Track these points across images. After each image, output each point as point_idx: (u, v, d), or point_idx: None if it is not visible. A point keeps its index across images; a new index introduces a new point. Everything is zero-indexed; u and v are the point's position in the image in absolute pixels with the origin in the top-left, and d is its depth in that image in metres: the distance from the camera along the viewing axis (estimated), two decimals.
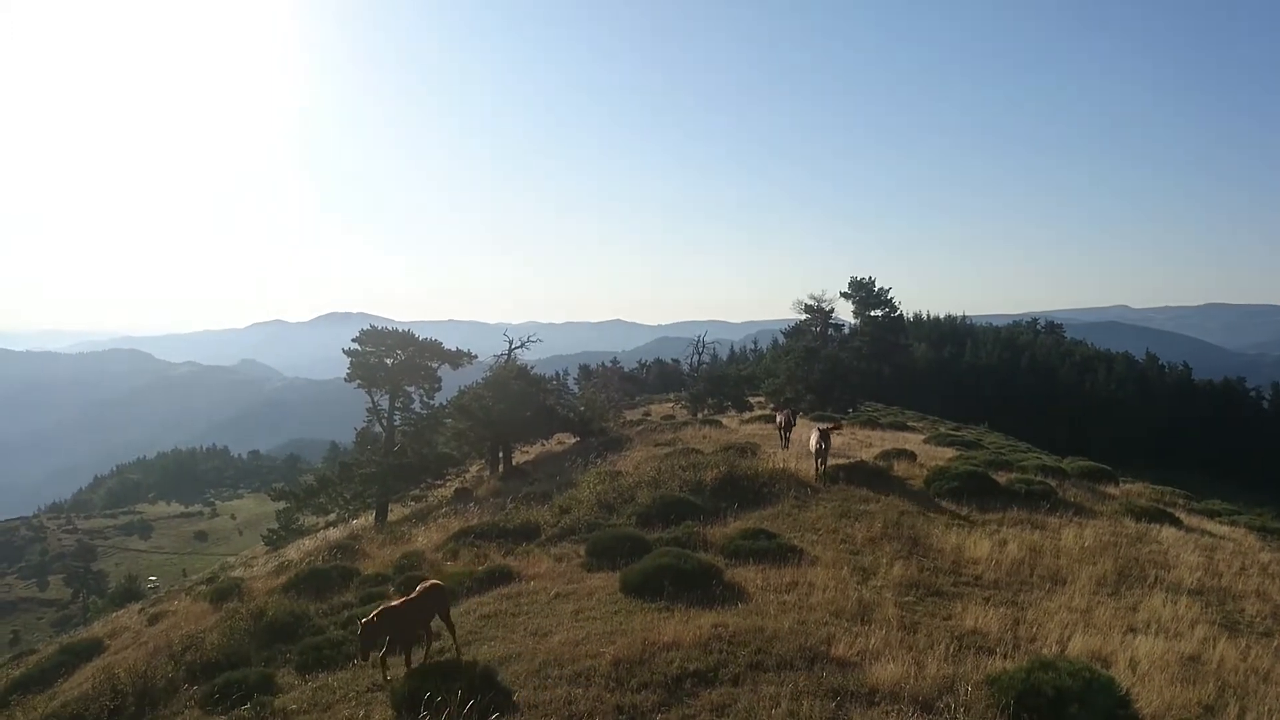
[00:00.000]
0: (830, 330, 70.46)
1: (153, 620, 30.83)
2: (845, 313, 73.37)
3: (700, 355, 69.00)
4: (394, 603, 12.43)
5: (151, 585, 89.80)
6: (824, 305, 68.92)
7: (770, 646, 11.99)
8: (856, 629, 12.98)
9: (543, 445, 54.44)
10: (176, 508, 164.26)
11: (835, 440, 27.23)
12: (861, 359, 69.50)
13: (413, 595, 12.66)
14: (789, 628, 12.77)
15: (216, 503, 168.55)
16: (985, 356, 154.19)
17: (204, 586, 37.85)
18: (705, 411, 59.49)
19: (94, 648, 27.66)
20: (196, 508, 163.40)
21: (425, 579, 15.00)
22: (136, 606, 47.27)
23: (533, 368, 52.64)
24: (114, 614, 49.54)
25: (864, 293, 71.30)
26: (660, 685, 11.03)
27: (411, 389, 48.18)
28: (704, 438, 38.70)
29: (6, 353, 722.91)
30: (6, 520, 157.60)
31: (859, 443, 35.95)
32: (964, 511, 21.75)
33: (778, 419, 32.42)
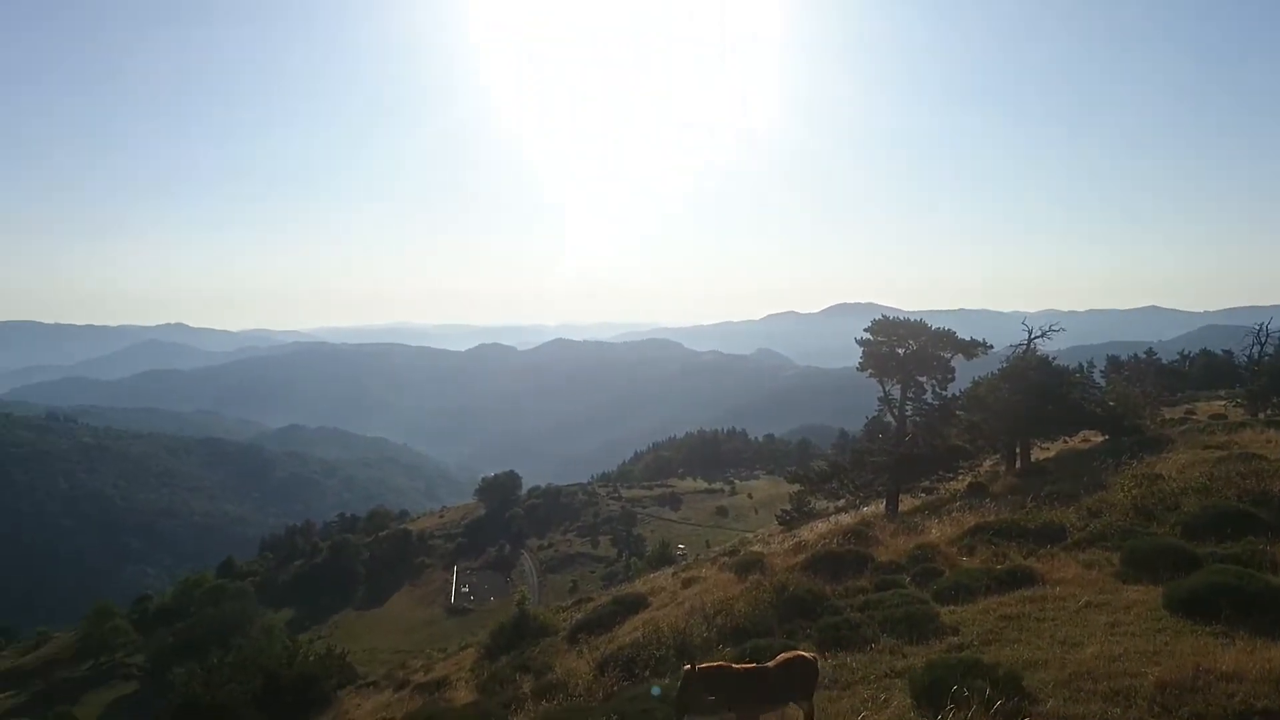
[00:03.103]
0: None
1: (685, 584, 34.16)
2: None
3: (1262, 346, 59.43)
4: (735, 666, 10.16)
5: (680, 552, 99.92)
6: None
7: None
8: None
9: (1065, 442, 50.68)
10: (701, 484, 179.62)
11: None
12: None
13: (765, 664, 10.27)
14: None
15: (735, 481, 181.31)
16: None
17: (728, 558, 41.13)
18: (1268, 412, 51.07)
19: (639, 602, 31.48)
20: (718, 485, 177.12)
21: (795, 651, 11.23)
22: (670, 570, 52.87)
23: (1054, 359, 49.27)
24: (651, 574, 56.01)
25: None
26: (1218, 719, 9.79)
27: (923, 379, 47.62)
28: (1267, 442, 33.25)
29: (570, 343, 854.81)
30: (569, 485, 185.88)
31: None
32: None
33: None
